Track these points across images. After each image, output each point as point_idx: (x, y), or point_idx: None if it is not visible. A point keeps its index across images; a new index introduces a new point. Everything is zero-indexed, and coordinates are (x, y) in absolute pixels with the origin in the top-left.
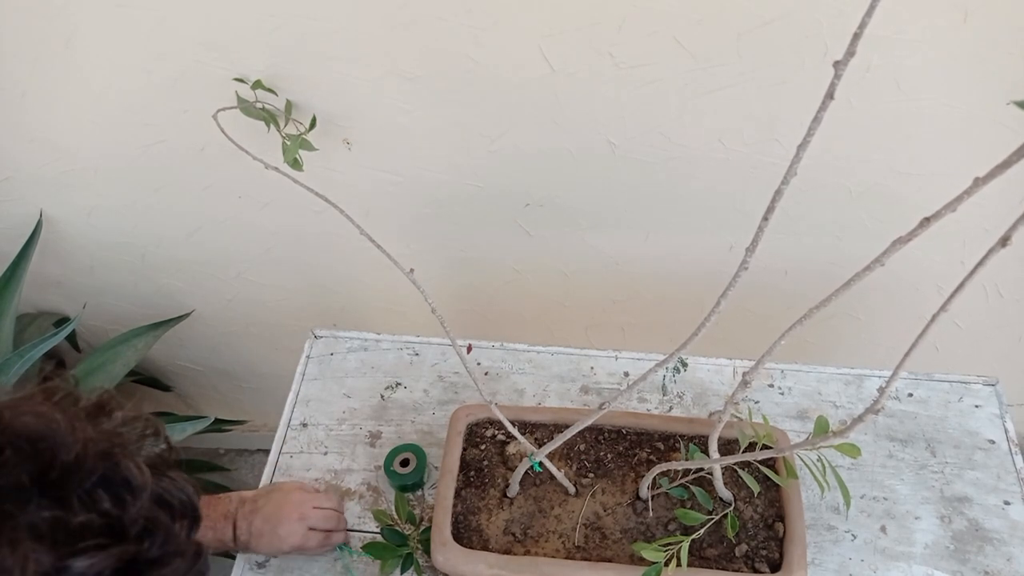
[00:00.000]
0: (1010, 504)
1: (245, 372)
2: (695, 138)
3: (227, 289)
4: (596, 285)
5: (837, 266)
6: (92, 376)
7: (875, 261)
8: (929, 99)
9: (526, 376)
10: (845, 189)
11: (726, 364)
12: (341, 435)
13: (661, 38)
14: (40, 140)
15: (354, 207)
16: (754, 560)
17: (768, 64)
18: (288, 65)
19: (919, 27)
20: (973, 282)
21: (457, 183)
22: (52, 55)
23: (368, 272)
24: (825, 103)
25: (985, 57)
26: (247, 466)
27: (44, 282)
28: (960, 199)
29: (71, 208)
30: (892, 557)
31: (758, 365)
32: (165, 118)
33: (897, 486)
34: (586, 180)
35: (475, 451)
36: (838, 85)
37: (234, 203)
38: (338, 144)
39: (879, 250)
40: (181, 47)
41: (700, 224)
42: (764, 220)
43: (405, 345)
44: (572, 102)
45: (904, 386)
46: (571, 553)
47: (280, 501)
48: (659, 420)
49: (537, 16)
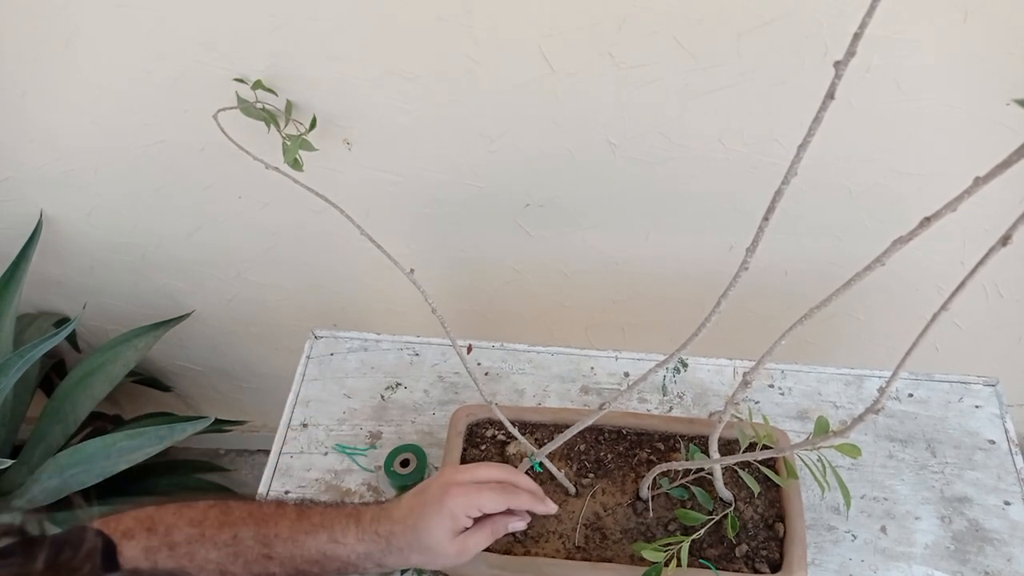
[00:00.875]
0: (1010, 504)
1: (245, 372)
2: (695, 138)
3: (227, 289)
4: (596, 285)
5: (837, 266)
6: (92, 376)
7: (875, 261)
8: (929, 99)
9: (526, 376)
10: (845, 189)
11: (726, 364)
12: (341, 435)
13: (661, 38)
14: (40, 140)
15: (354, 207)
16: (754, 560)
17: (768, 64)
18: (288, 65)
19: (919, 27)
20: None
21: (457, 183)
22: (52, 55)
23: (368, 272)
24: (826, 103)
25: (985, 57)
26: (247, 466)
27: (44, 282)
28: (960, 199)
29: (71, 208)
30: (892, 557)
31: (759, 365)
32: (165, 118)
33: (897, 486)
34: (586, 180)
35: (475, 451)
36: (838, 85)
37: (234, 203)
38: (338, 144)
39: (879, 250)
40: (181, 47)
41: (700, 224)
42: (764, 220)
43: (405, 345)
44: (572, 102)
45: (904, 386)
46: (571, 553)
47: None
48: (659, 420)
49: (537, 16)
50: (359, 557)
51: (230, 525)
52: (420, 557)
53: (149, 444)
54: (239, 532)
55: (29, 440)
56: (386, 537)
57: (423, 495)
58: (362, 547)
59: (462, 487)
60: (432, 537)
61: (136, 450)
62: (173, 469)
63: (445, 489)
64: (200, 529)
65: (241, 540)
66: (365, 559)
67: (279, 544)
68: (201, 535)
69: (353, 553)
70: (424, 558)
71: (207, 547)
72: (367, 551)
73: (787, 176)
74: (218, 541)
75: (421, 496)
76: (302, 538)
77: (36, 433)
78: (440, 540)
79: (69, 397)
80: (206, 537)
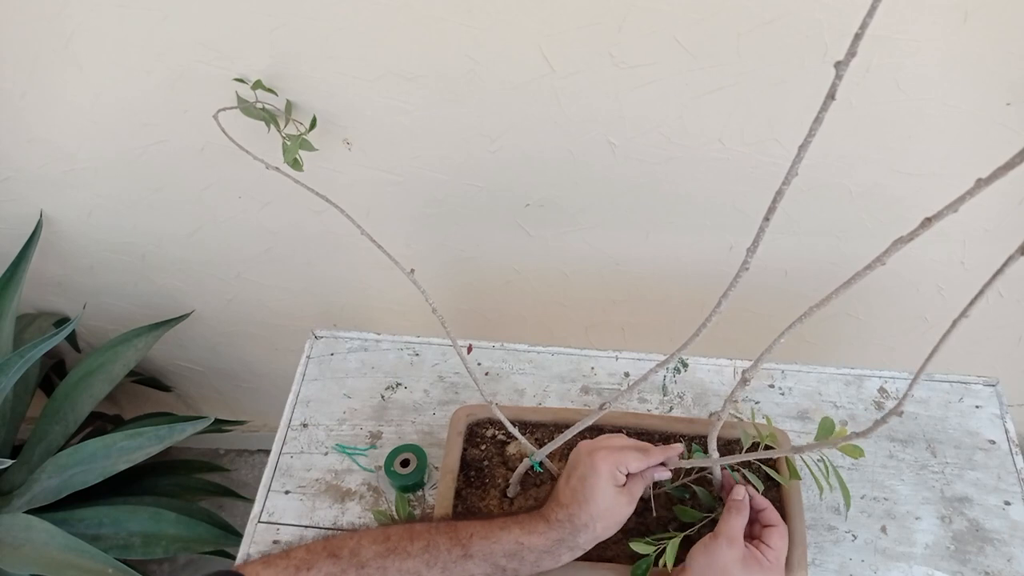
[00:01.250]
0: (1010, 504)
1: (245, 372)
2: (695, 138)
3: (227, 289)
4: (596, 285)
5: (837, 266)
6: (92, 376)
7: (876, 260)
8: (929, 99)
9: (526, 376)
10: (845, 189)
11: (726, 364)
12: (341, 435)
13: (661, 38)
14: (40, 140)
15: (354, 207)
16: None
17: (768, 64)
18: (288, 65)
19: (919, 27)
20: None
21: (457, 183)
22: (52, 55)
23: (368, 272)
24: (826, 103)
25: (985, 57)
26: (247, 466)
27: (44, 282)
28: (963, 199)
29: (71, 208)
30: (892, 557)
31: (757, 363)
32: (165, 118)
33: (897, 486)
34: (586, 180)
35: (475, 451)
36: (839, 86)
37: (234, 203)
38: (338, 144)
39: (879, 250)
40: (181, 47)
41: (700, 224)
42: (765, 220)
43: (405, 345)
44: (572, 102)
45: (904, 386)
46: None
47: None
48: (660, 420)
49: (537, 16)
50: (553, 543)
51: (419, 535)
52: (603, 524)
53: (149, 444)
54: (431, 539)
55: (29, 440)
56: (568, 520)
57: (576, 472)
58: (554, 534)
59: (606, 451)
60: (605, 499)
61: (136, 450)
62: (173, 469)
63: (593, 457)
64: (387, 544)
65: (435, 545)
66: (559, 544)
67: (476, 543)
68: (391, 549)
69: (548, 540)
70: (606, 523)
71: (399, 558)
72: (559, 536)
73: (788, 176)
74: (411, 551)
75: (574, 474)
76: (498, 533)
77: (36, 433)
78: (611, 497)
79: (69, 397)
80: (397, 550)
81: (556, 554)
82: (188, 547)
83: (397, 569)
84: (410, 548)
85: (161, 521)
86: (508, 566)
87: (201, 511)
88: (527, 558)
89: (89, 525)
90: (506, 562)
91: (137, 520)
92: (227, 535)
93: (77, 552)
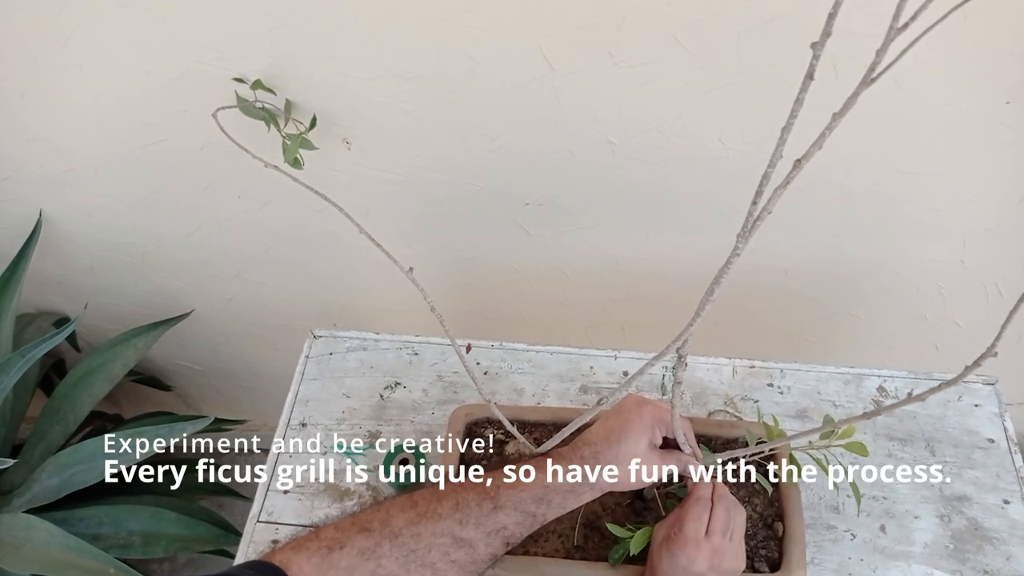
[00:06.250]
0: (1009, 503)
1: (245, 372)
2: (695, 137)
3: (227, 289)
4: (596, 285)
5: (837, 266)
6: (92, 376)
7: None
8: (929, 99)
9: (525, 376)
10: (845, 189)
11: (725, 364)
12: (341, 435)
13: (661, 38)
14: (40, 140)
15: (354, 206)
16: (753, 559)
17: (768, 64)
18: (287, 65)
19: (919, 27)
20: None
21: (457, 183)
22: (52, 55)
23: (368, 272)
24: (806, 84)
25: (985, 57)
26: (247, 465)
27: (44, 282)
28: (824, 136)
29: (71, 208)
30: (891, 556)
31: (684, 333)
32: (165, 118)
33: (896, 485)
34: (586, 180)
35: (474, 451)
36: (816, 66)
37: (234, 203)
38: (338, 144)
39: (879, 250)
40: (181, 47)
41: (700, 224)
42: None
43: (404, 345)
44: (572, 102)
45: (903, 385)
46: (570, 553)
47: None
48: None
49: (537, 16)
50: (571, 490)
51: (447, 496)
52: (622, 470)
53: (149, 444)
54: (459, 497)
55: (29, 440)
56: (591, 459)
57: (619, 415)
58: (579, 471)
59: (656, 407)
60: (637, 447)
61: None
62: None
63: (640, 405)
64: (416, 510)
65: (465, 502)
66: (583, 483)
67: (504, 492)
68: (421, 515)
69: (566, 486)
70: (623, 471)
71: (431, 522)
72: (584, 473)
73: (773, 159)
74: (441, 512)
75: (617, 416)
76: (525, 482)
77: (36, 433)
78: (643, 450)
79: (69, 397)
80: (427, 514)
81: (578, 492)
82: (188, 546)
83: (431, 533)
84: (440, 509)
85: (161, 520)
86: (537, 511)
87: (201, 510)
88: (554, 500)
89: (89, 524)
90: (535, 507)
91: (137, 519)
92: (227, 534)
93: (77, 551)
